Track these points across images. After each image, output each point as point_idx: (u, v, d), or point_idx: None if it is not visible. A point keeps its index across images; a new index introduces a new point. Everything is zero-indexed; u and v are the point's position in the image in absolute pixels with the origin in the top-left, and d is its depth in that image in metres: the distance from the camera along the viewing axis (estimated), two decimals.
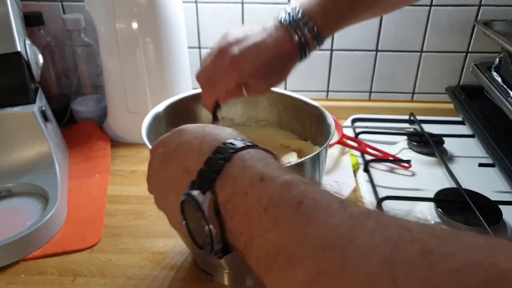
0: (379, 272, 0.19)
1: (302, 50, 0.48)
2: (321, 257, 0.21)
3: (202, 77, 0.50)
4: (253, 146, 0.30)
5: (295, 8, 0.47)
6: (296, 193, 0.25)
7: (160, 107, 0.54)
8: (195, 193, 0.28)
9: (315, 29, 0.46)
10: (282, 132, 0.60)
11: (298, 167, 0.43)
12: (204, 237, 0.28)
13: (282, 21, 0.47)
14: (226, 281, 0.49)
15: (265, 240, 0.24)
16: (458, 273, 0.17)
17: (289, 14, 0.47)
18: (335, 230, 0.22)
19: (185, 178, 0.30)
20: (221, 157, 0.29)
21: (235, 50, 0.46)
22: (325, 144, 0.45)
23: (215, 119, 0.52)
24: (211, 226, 0.27)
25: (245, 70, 0.46)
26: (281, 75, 0.49)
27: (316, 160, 0.45)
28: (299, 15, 0.46)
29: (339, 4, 0.47)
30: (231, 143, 0.30)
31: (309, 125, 0.56)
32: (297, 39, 0.47)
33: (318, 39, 0.47)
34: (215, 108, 0.51)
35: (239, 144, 0.29)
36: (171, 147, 0.33)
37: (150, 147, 0.43)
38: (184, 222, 0.31)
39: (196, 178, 0.29)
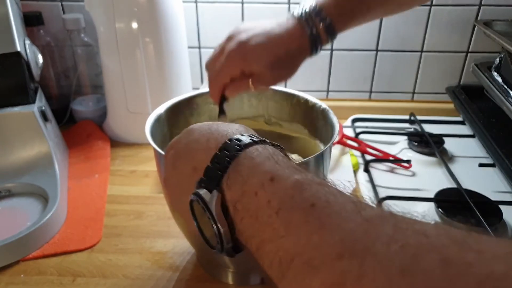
0: (397, 285, 0.18)
1: (313, 43, 0.46)
2: (337, 266, 0.20)
3: (209, 63, 0.49)
4: (261, 141, 0.29)
5: (310, 2, 0.46)
6: (308, 195, 0.24)
7: (162, 108, 0.53)
8: (202, 192, 0.27)
9: (328, 20, 0.45)
10: (284, 129, 0.60)
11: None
12: (214, 237, 0.27)
13: (295, 14, 0.47)
14: (230, 280, 0.49)
15: (278, 246, 0.23)
16: (480, 287, 0.16)
17: (303, 7, 0.46)
18: (350, 236, 0.21)
19: (194, 177, 0.29)
20: (227, 154, 0.28)
21: (243, 35, 0.46)
22: (330, 143, 0.45)
23: (221, 113, 0.51)
24: (219, 226, 0.27)
25: (252, 56, 0.45)
26: (289, 67, 0.48)
27: (320, 160, 0.45)
28: (313, 7, 0.46)
29: None
30: (237, 139, 0.28)
31: (311, 123, 0.56)
32: (309, 30, 0.46)
33: (330, 31, 0.46)
34: (221, 101, 0.50)
35: (246, 140, 0.28)
36: (180, 147, 0.32)
37: (155, 146, 0.43)
38: (194, 222, 0.30)
39: (203, 176, 0.28)
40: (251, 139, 0.29)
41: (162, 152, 0.42)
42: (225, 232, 0.27)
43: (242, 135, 0.29)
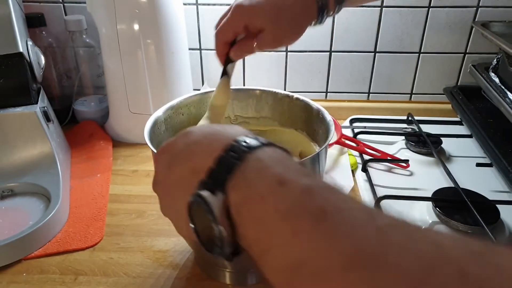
0: None
1: (320, 6, 0.46)
2: (347, 277, 0.19)
3: (217, 23, 0.49)
4: (269, 144, 0.28)
5: None
6: (318, 201, 0.23)
7: (161, 110, 0.54)
8: (205, 193, 0.26)
9: None
10: (282, 130, 0.60)
11: None
12: (213, 240, 0.26)
13: None
14: (228, 280, 0.50)
15: (284, 252, 0.22)
16: None
17: None
18: (361, 245, 0.20)
19: (193, 180, 0.27)
20: (234, 155, 0.26)
21: None
22: (325, 144, 0.46)
23: (224, 74, 0.50)
24: (221, 229, 0.26)
25: (255, 9, 0.45)
26: (292, 27, 0.46)
27: (316, 160, 0.46)
28: None
29: None
30: (245, 141, 0.27)
31: (309, 125, 0.57)
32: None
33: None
34: (226, 63, 0.50)
35: (253, 142, 0.27)
36: (177, 149, 0.31)
37: (152, 149, 0.44)
38: (191, 225, 0.29)
39: (206, 177, 0.27)
40: (259, 142, 0.27)
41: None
42: (228, 236, 0.26)
43: (249, 137, 0.28)
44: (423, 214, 0.58)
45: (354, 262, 0.19)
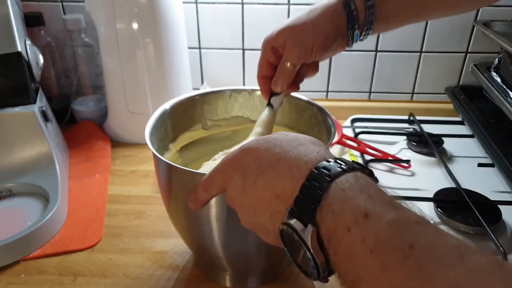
0: None
1: (349, 19, 0.44)
2: None
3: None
4: (350, 169, 0.27)
5: None
6: (405, 235, 0.22)
7: (162, 108, 0.53)
8: (296, 225, 0.27)
9: (370, 1, 0.44)
10: (223, 127, 0.60)
11: None
12: (308, 266, 0.27)
13: None
14: (228, 283, 0.49)
15: (376, 285, 0.22)
16: None
17: None
18: (453, 287, 0.19)
19: (280, 206, 0.29)
20: (317, 186, 0.26)
21: None
22: (327, 145, 0.45)
23: (268, 105, 0.51)
24: (316, 259, 0.26)
25: (279, 30, 0.45)
26: (317, 35, 0.45)
27: None
28: None
29: None
30: (325, 168, 0.27)
31: (310, 124, 0.56)
32: (347, 9, 0.44)
33: (370, 7, 0.44)
34: (270, 96, 0.50)
35: (335, 168, 0.27)
36: (251, 169, 0.31)
37: (152, 148, 0.43)
38: (286, 250, 0.29)
39: (294, 206, 0.28)
40: (340, 167, 0.27)
41: (163, 158, 0.42)
42: (322, 263, 0.26)
43: (328, 161, 0.28)
44: (424, 215, 0.57)
45: None
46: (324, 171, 0.27)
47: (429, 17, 0.48)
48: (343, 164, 0.28)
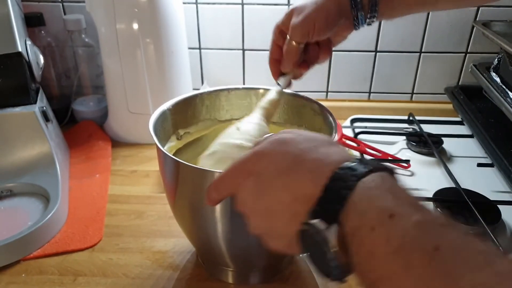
0: None
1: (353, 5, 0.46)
2: None
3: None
4: (376, 169, 0.27)
5: None
6: (431, 237, 0.22)
7: (164, 106, 0.53)
8: (320, 225, 0.26)
9: None
10: (194, 133, 0.59)
11: None
12: (330, 266, 0.27)
13: None
14: (230, 280, 0.50)
15: (397, 286, 0.22)
16: None
17: None
18: None
19: (296, 206, 0.28)
20: (343, 185, 0.26)
21: None
22: None
23: (277, 84, 0.53)
24: (339, 259, 0.26)
25: (286, 13, 0.47)
26: (319, 14, 0.46)
27: None
28: None
29: None
30: (350, 168, 0.27)
31: (310, 124, 0.56)
32: None
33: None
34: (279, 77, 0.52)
35: (360, 168, 0.27)
36: (267, 175, 0.30)
37: (158, 144, 0.43)
38: (305, 252, 0.29)
39: (317, 206, 0.27)
40: (365, 167, 0.27)
41: (168, 153, 0.42)
42: (346, 264, 0.26)
43: (353, 162, 0.28)
44: None
45: None
46: (349, 171, 0.27)
47: (435, 6, 0.48)
48: (368, 164, 0.27)
